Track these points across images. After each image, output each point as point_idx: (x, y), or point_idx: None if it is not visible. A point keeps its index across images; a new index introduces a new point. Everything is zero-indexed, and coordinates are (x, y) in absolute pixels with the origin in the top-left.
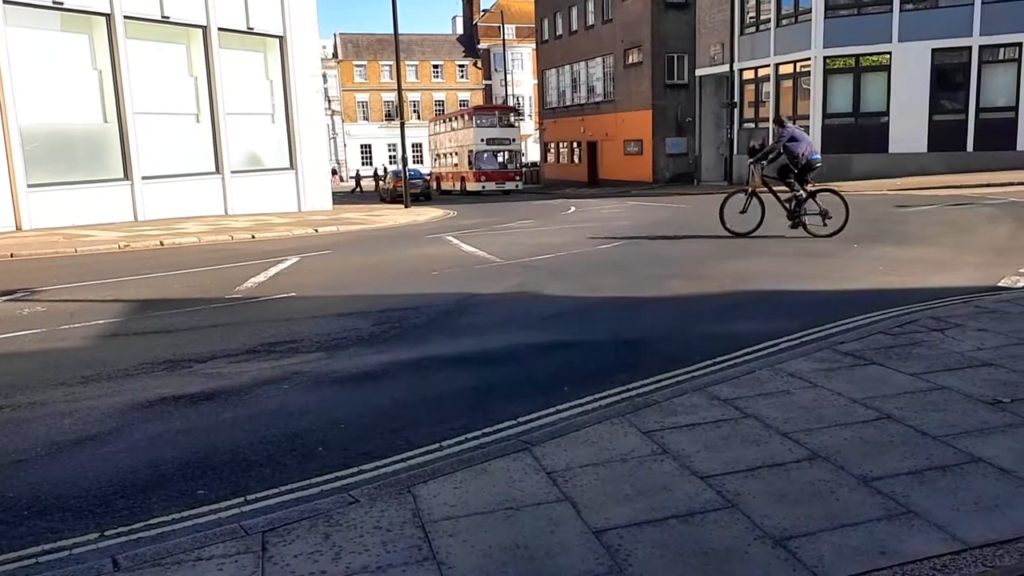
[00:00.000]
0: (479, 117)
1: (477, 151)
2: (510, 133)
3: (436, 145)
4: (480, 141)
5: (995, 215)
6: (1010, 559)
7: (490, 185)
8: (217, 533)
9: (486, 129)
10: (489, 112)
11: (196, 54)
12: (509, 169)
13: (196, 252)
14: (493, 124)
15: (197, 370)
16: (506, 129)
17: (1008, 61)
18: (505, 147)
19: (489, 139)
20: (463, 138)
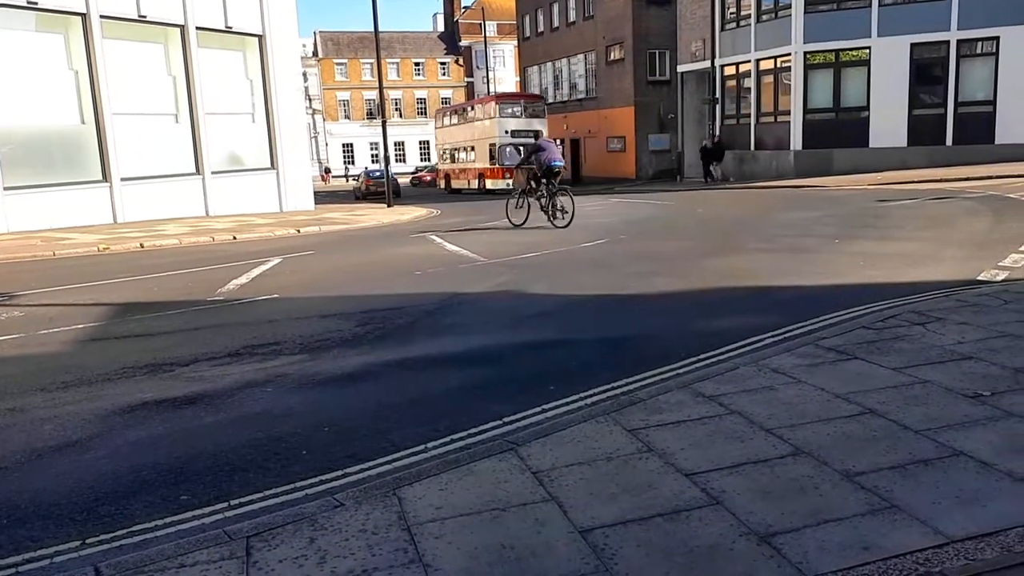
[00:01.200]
0: (503, 106)
1: (500, 144)
2: (536, 124)
3: (445, 139)
4: (504, 133)
5: (975, 209)
6: (991, 552)
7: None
8: (201, 539)
9: (510, 119)
10: (514, 100)
11: (174, 53)
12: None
13: (177, 254)
14: (518, 114)
15: (179, 374)
16: (532, 120)
17: (985, 55)
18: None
19: (514, 130)
20: (482, 130)
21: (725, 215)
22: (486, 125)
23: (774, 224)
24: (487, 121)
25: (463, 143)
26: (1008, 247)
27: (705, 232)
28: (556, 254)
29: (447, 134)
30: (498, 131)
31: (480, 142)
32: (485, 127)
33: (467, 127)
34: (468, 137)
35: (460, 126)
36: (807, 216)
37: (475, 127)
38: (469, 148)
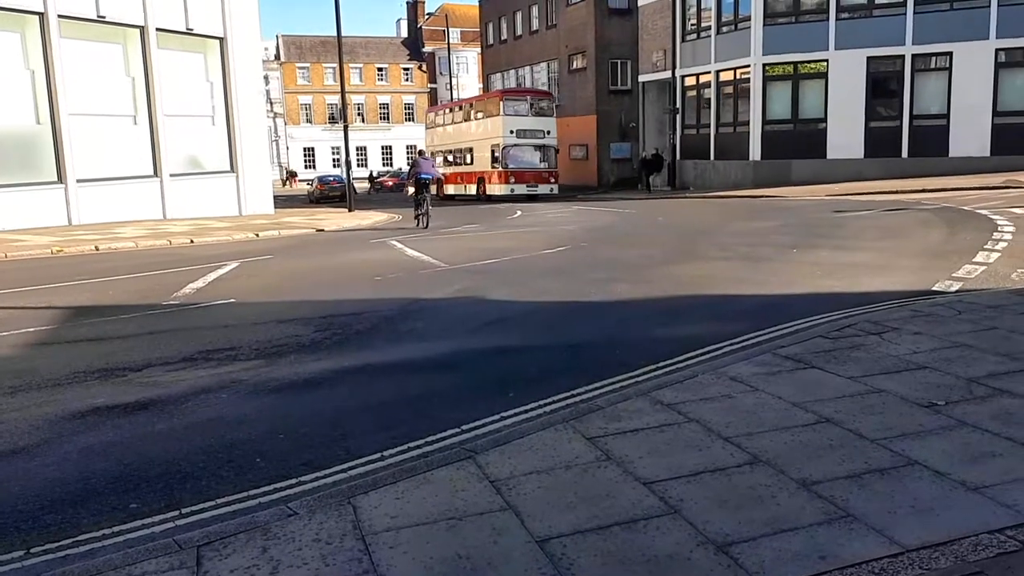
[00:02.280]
0: (508, 103)
1: (506, 145)
2: (545, 123)
3: (437, 141)
4: (509, 133)
5: (929, 220)
6: (945, 561)
7: (520, 188)
8: (150, 548)
9: (517, 118)
10: (521, 96)
11: (133, 54)
12: (544, 168)
13: (133, 257)
14: (525, 112)
15: (131, 379)
16: (540, 119)
17: (939, 70)
18: (539, 140)
19: (520, 130)
20: (484, 129)
21: (685, 224)
22: (488, 124)
23: (733, 233)
24: (489, 120)
25: (460, 145)
26: (962, 258)
27: (665, 240)
28: (518, 260)
29: (440, 135)
30: (503, 130)
31: (481, 143)
32: (487, 126)
33: (465, 127)
34: (466, 138)
35: (456, 126)
36: (765, 225)
37: (475, 127)
38: (466, 150)
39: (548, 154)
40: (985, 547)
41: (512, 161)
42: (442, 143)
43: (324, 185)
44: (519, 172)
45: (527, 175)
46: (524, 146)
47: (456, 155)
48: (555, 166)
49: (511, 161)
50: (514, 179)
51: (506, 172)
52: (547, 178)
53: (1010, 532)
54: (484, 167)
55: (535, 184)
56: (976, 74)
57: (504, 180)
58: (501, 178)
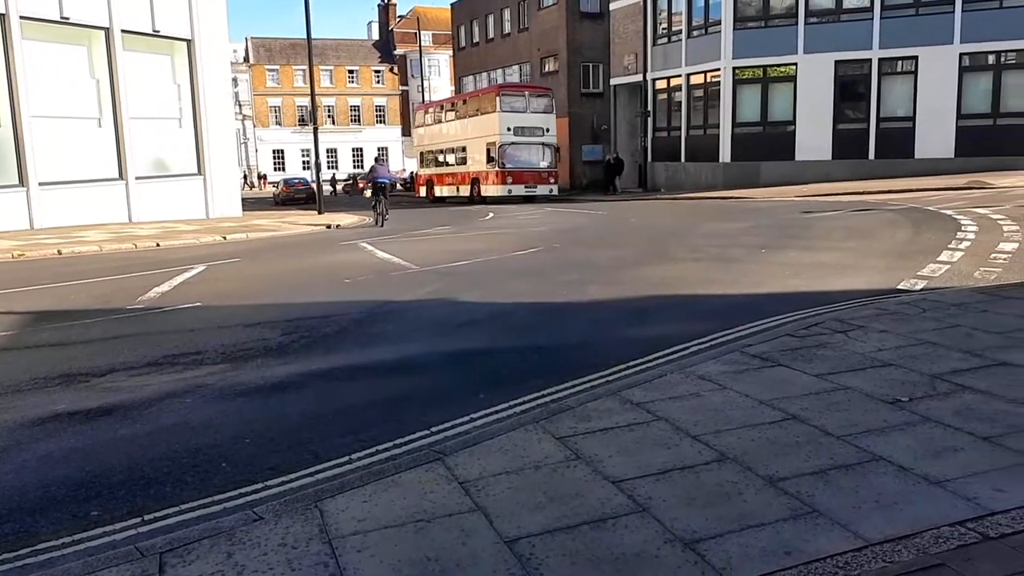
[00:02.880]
0: (506, 99)
1: (503, 144)
2: (544, 120)
3: (427, 140)
4: (507, 130)
5: (895, 220)
6: (908, 554)
7: (518, 189)
8: (111, 556)
9: (515, 115)
10: (518, 92)
11: (98, 56)
12: (543, 168)
13: (97, 261)
14: (523, 108)
15: (94, 384)
16: (539, 115)
17: (905, 73)
18: (538, 138)
19: (518, 128)
20: (479, 127)
21: (656, 225)
22: (484, 121)
23: (703, 234)
24: (485, 117)
25: (452, 144)
26: (927, 257)
27: (636, 241)
28: (489, 262)
29: (430, 134)
30: (499, 128)
31: (475, 141)
32: (482, 124)
33: (458, 125)
34: (459, 136)
35: (448, 124)
36: (735, 227)
37: (469, 124)
38: (459, 149)
39: (547, 153)
40: (946, 539)
41: (509, 161)
42: (432, 142)
43: (289, 187)
44: (517, 172)
45: (525, 175)
46: (522, 145)
47: (448, 155)
48: (555, 166)
49: (508, 161)
50: (511, 180)
51: (503, 172)
52: (546, 178)
53: (970, 524)
54: (479, 167)
55: (533, 185)
56: (941, 78)
57: (501, 181)
58: (497, 179)
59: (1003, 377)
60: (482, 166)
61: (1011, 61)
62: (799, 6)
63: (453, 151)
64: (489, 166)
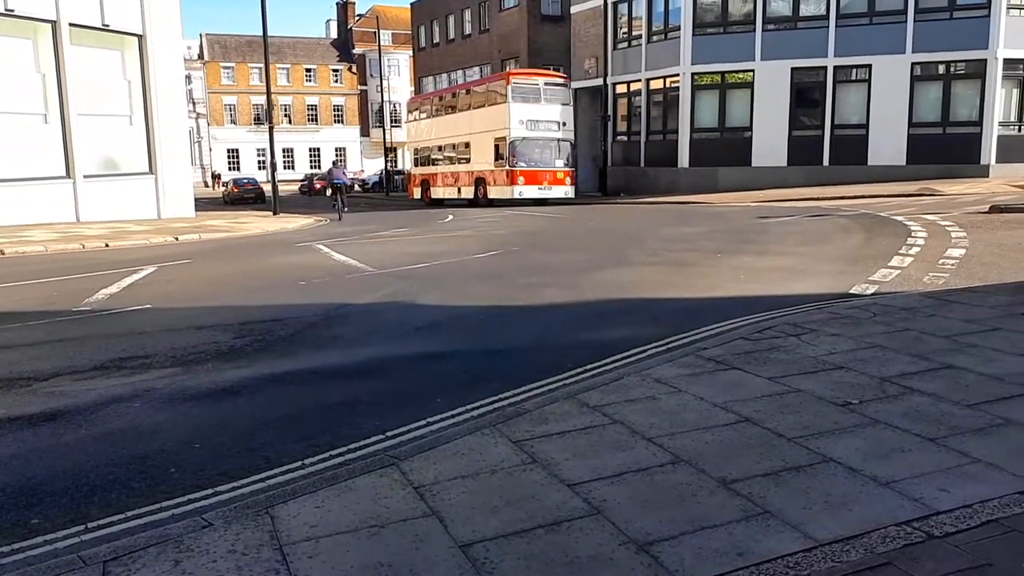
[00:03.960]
0: (518, 88)
1: (514, 139)
2: (560, 113)
3: (422, 135)
4: (519, 123)
5: (848, 226)
6: (856, 554)
7: (530, 190)
8: (52, 565)
9: (527, 106)
10: (532, 80)
11: (44, 50)
12: (559, 167)
13: (42, 262)
14: (537, 98)
15: (37, 389)
16: (555, 107)
17: (859, 81)
18: (553, 133)
19: (532, 121)
20: (486, 120)
21: (615, 229)
22: (491, 114)
23: (661, 238)
24: (493, 108)
25: (452, 139)
26: (878, 262)
27: (595, 245)
28: (447, 265)
29: (425, 129)
30: (511, 120)
31: (481, 136)
32: (490, 116)
33: (460, 117)
34: (462, 130)
35: (448, 117)
36: (692, 231)
37: (473, 117)
38: (462, 145)
39: (563, 150)
40: (893, 539)
41: (521, 158)
42: (429, 138)
43: (238, 187)
44: (529, 172)
45: (539, 175)
46: (535, 140)
47: (448, 152)
48: (572, 164)
49: (520, 158)
50: (523, 180)
51: (513, 172)
52: (562, 179)
53: (916, 524)
54: (485, 165)
55: (548, 186)
56: (893, 86)
57: (511, 181)
58: (507, 179)
59: (949, 380)
60: (489, 164)
61: (960, 71)
62: (757, 13)
63: (454, 148)
64: (497, 165)
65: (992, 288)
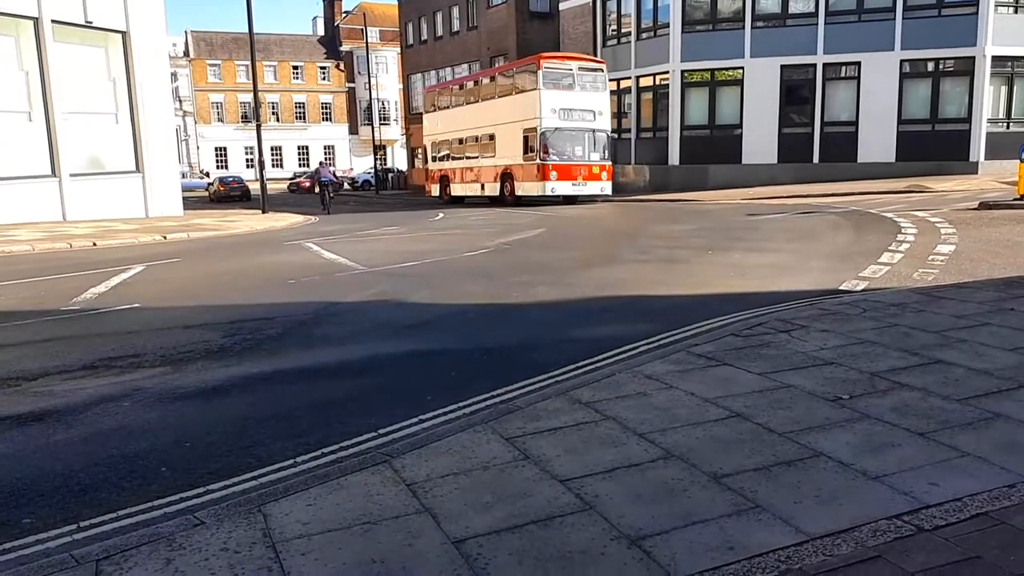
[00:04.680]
0: (550, 73)
1: (545, 129)
2: (595, 101)
3: (441, 128)
4: (550, 112)
5: (838, 223)
6: (847, 548)
7: (563, 187)
8: (44, 564)
9: (560, 93)
10: (565, 64)
11: (27, 48)
12: (595, 160)
13: (29, 261)
14: (570, 84)
15: (26, 388)
16: (590, 94)
17: (848, 78)
18: (589, 123)
19: (565, 109)
20: (513, 109)
21: (605, 227)
22: (520, 102)
23: (651, 236)
24: (522, 96)
25: (475, 132)
26: (868, 259)
27: (585, 243)
28: (438, 263)
29: (445, 121)
30: (541, 109)
31: (508, 127)
32: (518, 105)
33: (484, 107)
34: (485, 121)
35: (470, 107)
36: (683, 228)
37: (500, 106)
38: (485, 138)
39: (599, 142)
40: (884, 532)
41: (553, 151)
42: (447, 130)
43: (224, 185)
44: (562, 166)
45: (573, 170)
46: (569, 131)
47: (469, 145)
48: (608, 158)
49: (551, 151)
50: (556, 175)
51: (544, 166)
52: (598, 174)
53: (907, 517)
54: (512, 160)
55: (583, 182)
56: (882, 83)
57: (542, 176)
58: (538, 174)
59: (939, 375)
60: (516, 158)
61: (949, 68)
62: (746, 10)
63: (477, 140)
64: (526, 158)
65: (981, 284)
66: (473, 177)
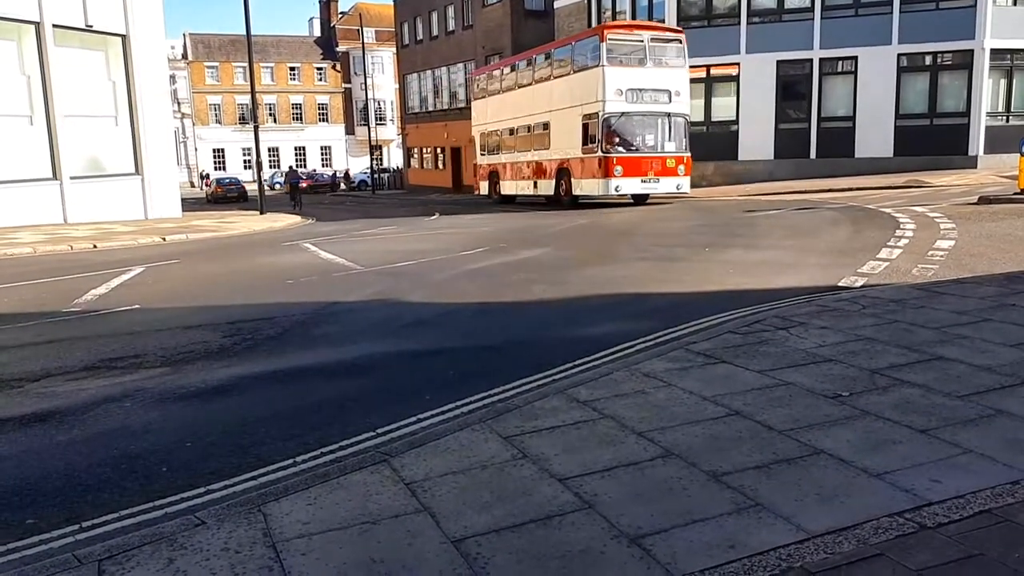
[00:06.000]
0: (614, 45)
1: (609, 115)
2: (671, 79)
3: (488, 116)
4: (615, 94)
5: (836, 218)
6: (848, 545)
7: (630, 184)
8: (47, 564)
9: (628, 71)
10: (633, 35)
11: (28, 51)
12: (670, 152)
13: (31, 263)
14: (640, 59)
15: (28, 390)
16: (665, 71)
17: (845, 73)
18: (662, 106)
19: (633, 90)
20: (571, 92)
21: (602, 224)
22: (578, 83)
23: (649, 233)
24: (580, 76)
25: (528, 120)
26: (866, 255)
27: (582, 241)
28: (435, 262)
29: (496, 108)
30: (604, 90)
31: (564, 114)
32: (576, 86)
33: (538, 91)
34: (539, 107)
35: (523, 91)
36: (680, 226)
37: (555, 88)
38: (539, 127)
39: (676, 128)
40: (885, 530)
41: (618, 141)
42: (498, 119)
43: (222, 187)
44: (630, 160)
45: (642, 163)
46: (638, 116)
47: (520, 137)
48: (686, 148)
49: (616, 141)
50: (621, 170)
51: (607, 160)
52: (673, 168)
53: (908, 515)
54: (568, 152)
55: (655, 177)
56: (880, 78)
57: (604, 172)
58: (599, 169)
59: (939, 371)
60: (574, 151)
61: (947, 62)
62: (741, 6)
63: (529, 130)
64: (586, 151)
65: (982, 279)
66: (526, 173)
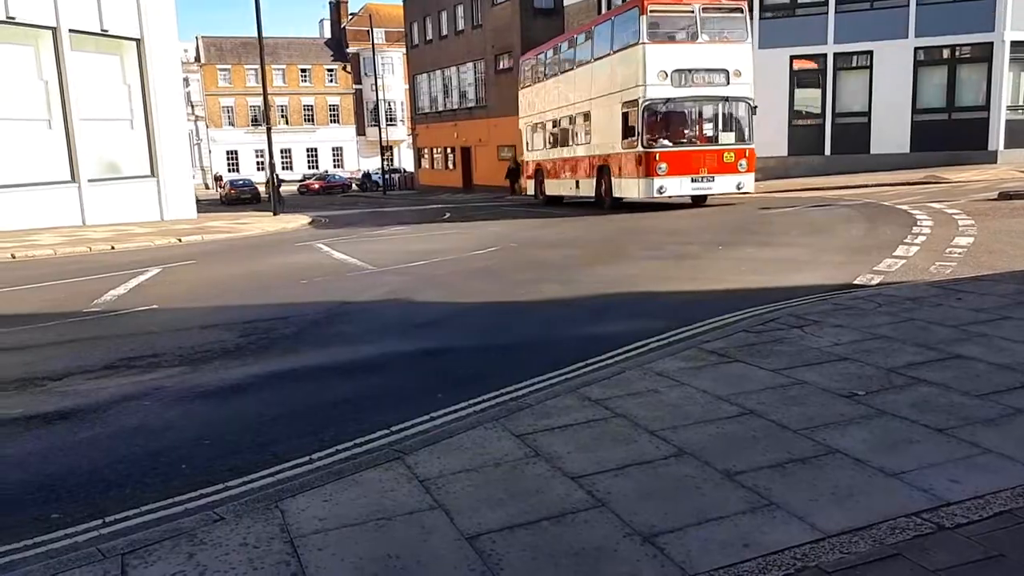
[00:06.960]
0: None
1: (650, 101)
2: (730, 56)
3: (535, 106)
4: (658, 77)
5: (851, 216)
6: (864, 545)
7: (677, 184)
8: (72, 558)
9: (675, 47)
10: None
11: (46, 57)
12: (726, 144)
13: (51, 265)
14: (691, 32)
15: (51, 388)
16: (720, 48)
17: (860, 68)
18: (716, 90)
19: (682, 70)
20: (611, 76)
21: (613, 223)
22: (618, 64)
23: (660, 231)
24: (620, 55)
25: (567, 108)
26: (882, 252)
27: (593, 239)
28: (446, 262)
29: (542, 98)
30: (643, 72)
31: (603, 102)
32: (616, 68)
33: (579, 75)
34: (580, 95)
35: (564, 76)
36: (692, 224)
37: (595, 72)
38: (580, 117)
39: (734, 116)
40: (902, 530)
41: (661, 133)
42: (542, 110)
43: (235, 188)
44: (675, 154)
45: (692, 159)
46: (686, 102)
47: (563, 129)
48: (749, 138)
49: (659, 133)
50: (665, 167)
51: (648, 156)
52: (732, 164)
53: (926, 515)
54: (608, 147)
55: (709, 175)
56: (896, 72)
57: (645, 170)
58: (639, 167)
59: (957, 370)
60: (614, 145)
61: (965, 55)
62: (754, 1)
63: (571, 122)
64: (626, 145)
65: (1001, 276)
66: (568, 172)
